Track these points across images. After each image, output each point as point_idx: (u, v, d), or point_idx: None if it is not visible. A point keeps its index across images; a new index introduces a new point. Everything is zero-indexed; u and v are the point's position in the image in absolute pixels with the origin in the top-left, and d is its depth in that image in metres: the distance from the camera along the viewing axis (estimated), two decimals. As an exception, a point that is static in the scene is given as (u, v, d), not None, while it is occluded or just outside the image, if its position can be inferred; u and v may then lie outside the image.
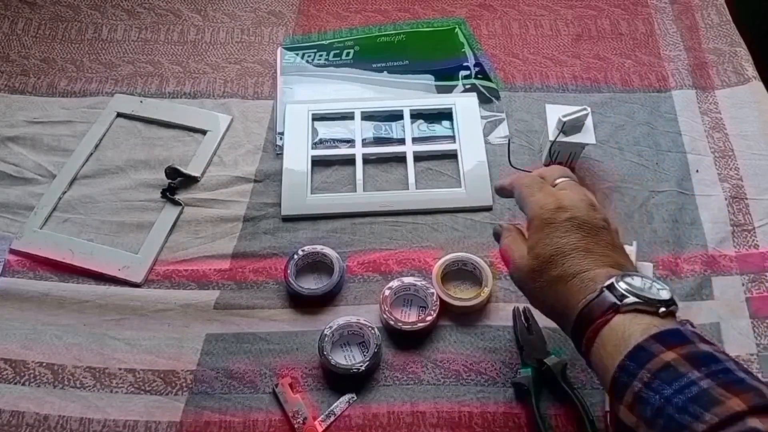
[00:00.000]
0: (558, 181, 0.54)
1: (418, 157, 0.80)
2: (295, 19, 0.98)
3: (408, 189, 0.76)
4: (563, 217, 0.49)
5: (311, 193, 0.77)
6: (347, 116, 0.83)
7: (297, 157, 0.79)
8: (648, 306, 0.44)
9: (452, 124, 0.82)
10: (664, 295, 0.45)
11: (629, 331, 0.43)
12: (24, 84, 0.90)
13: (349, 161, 0.80)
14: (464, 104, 0.83)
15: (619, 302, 0.44)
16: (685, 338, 0.42)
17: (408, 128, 0.81)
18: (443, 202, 0.75)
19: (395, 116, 0.83)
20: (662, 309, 0.44)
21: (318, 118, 0.83)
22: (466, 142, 0.79)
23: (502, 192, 0.58)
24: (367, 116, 0.83)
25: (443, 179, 0.78)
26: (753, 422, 0.36)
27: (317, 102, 0.84)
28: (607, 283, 0.45)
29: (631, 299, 0.44)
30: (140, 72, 0.91)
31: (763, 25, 1.23)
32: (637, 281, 0.45)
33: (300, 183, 0.77)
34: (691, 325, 0.45)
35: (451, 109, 0.83)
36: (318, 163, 0.80)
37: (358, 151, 0.80)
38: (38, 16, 0.99)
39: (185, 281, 0.70)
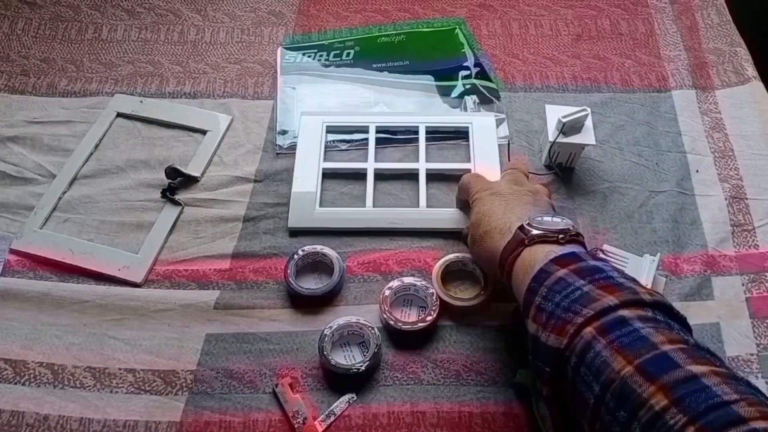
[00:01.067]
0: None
1: (432, 176, 0.77)
2: (295, 19, 0.98)
3: (419, 207, 0.74)
4: (488, 193, 0.62)
5: (320, 206, 0.75)
6: (362, 129, 0.81)
7: (308, 168, 0.77)
8: (550, 235, 0.52)
9: (468, 143, 0.80)
10: (562, 225, 0.53)
11: (535, 258, 0.51)
12: (24, 84, 0.90)
13: (361, 175, 0.78)
14: (481, 124, 0.80)
15: (526, 237, 0.53)
16: (577, 257, 0.50)
17: (423, 146, 0.79)
18: (453, 222, 0.73)
19: (410, 131, 0.81)
20: (561, 236, 0.52)
21: (332, 130, 0.82)
22: (481, 162, 0.77)
23: (460, 201, 0.71)
24: (382, 130, 0.81)
25: (454, 199, 0.75)
26: (623, 312, 0.45)
27: (332, 114, 0.83)
28: (518, 224, 0.55)
29: (534, 232, 0.53)
30: (140, 72, 0.91)
31: (763, 25, 1.23)
32: (545, 220, 0.54)
33: (309, 195, 0.75)
34: (599, 251, 0.66)
35: (467, 128, 0.80)
36: (329, 176, 0.78)
37: (370, 166, 0.78)
38: (38, 16, 0.99)
39: (185, 281, 0.70)
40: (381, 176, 0.78)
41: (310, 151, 0.79)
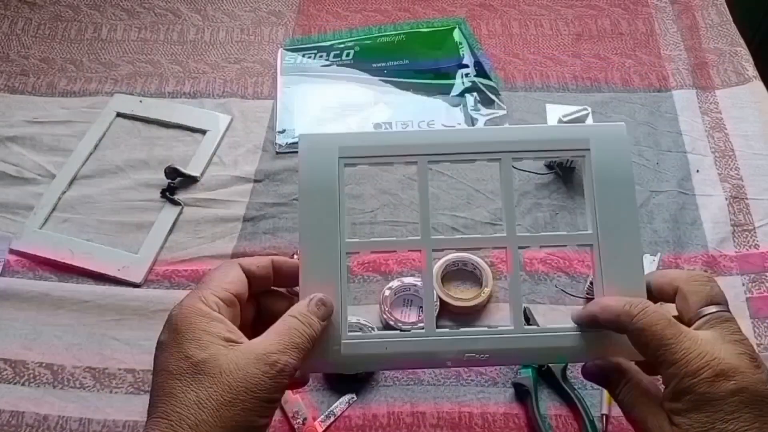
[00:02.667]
0: (704, 312, 0.39)
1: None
2: (295, 18, 0.98)
3: (510, 326, 0.43)
4: (726, 389, 0.35)
5: (348, 332, 0.43)
6: (401, 156, 0.45)
7: (317, 247, 0.43)
8: None
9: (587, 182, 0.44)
10: None
11: None
12: (24, 84, 0.90)
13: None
14: (607, 139, 0.44)
15: None
16: None
17: (509, 189, 0.44)
18: (577, 350, 0.43)
19: (482, 152, 0.46)
20: None
21: (354, 161, 0.44)
22: (612, 224, 0.43)
23: (591, 322, 0.41)
24: (436, 158, 0.45)
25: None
26: None
27: (349, 135, 0.45)
28: None
29: None
30: (140, 72, 0.91)
31: (763, 25, 1.23)
32: None
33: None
34: None
35: (584, 153, 0.44)
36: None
37: (427, 244, 0.44)
38: (38, 16, 0.99)
39: (185, 281, 0.70)
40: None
41: (318, 210, 0.43)
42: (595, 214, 0.42)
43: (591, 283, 0.65)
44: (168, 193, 0.77)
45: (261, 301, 0.44)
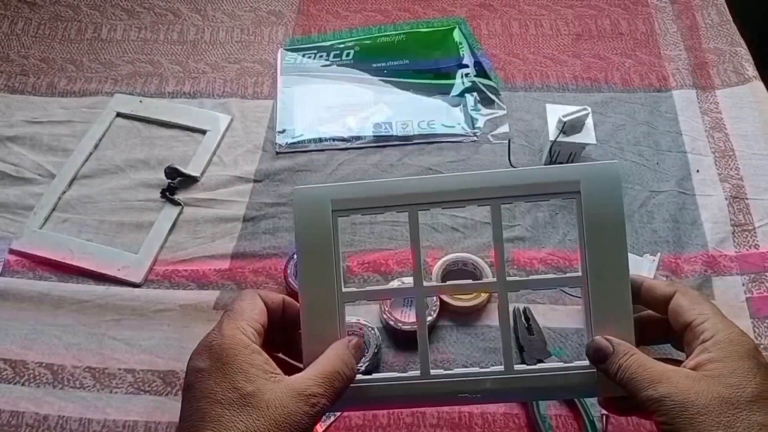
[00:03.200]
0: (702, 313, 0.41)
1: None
2: (295, 18, 0.98)
3: (503, 369, 0.44)
4: (754, 347, 0.39)
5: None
6: (394, 205, 0.46)
7: (315, 298, 0.45)
8: None
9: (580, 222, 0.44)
10: None
11: None
12: (23, 84, 0.90)
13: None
14: (599, 180, 0.43)
15: None
16: None
17: (498, 234, 0.45)
18: (556, 386, 0.44)
19: (467, 198, 0.46)
20: None
21: (342, 210, 0.45)
22: (601, 267, 0.43)
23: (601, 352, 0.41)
24: (427, 201, 0.46)
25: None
26: None
27: (341, 187, 0.46)
28: None
29: None
30: (140, 72, 0.91)
31: (763, 25, 1.23)
32: None
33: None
34: None
35: (574, 197, 0.44)
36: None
37: (419, 291, 0.46)
38: (38, 16, 0.99)
39: (185, 281, 0.70)
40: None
41: (317, 265, 0.45)
42: (585, 256, 0.43)
43: None
44: (168, 193, 0.77)
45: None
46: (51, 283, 0.70)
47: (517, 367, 0.44)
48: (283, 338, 0.45)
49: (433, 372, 0.44)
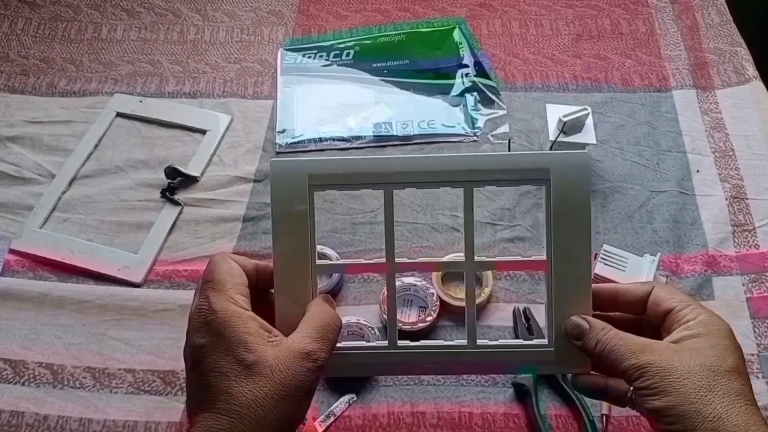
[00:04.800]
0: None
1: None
2: (295, 18, 0.98)
3: (466, 343, 0.46)
4: (731, 331, 0.41)
5: None
6: (367, 182, 0.46)
7: (292, 275, 0.45)
8: None
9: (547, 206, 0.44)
10: None
11: None
12: (23, 84, 0.90)
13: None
14: (568, 169, 0.44)
15: None
16: None
17: (469, 217, 0.46)
18: (516, 365, 0.47)
19: (444, 181, 0.46)
20: None
21: (319, 185, 0.45)
22: (566, 252, 0.44)
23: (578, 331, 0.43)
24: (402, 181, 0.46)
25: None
26: None
27: (319, 161, 0.46)
28: None
29: None
30: (140, 72, 0.91)
31: (763, 25, 1.23)
32: None
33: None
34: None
35: (546, 179, 0.44)
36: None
37: (390, 267, 0.48)
38: (38, 15, 0.99)
39: (185, 281, 0.70)
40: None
41: (292, 235, 0.45)
42: (550, 241, 0.44)
43: None
44: (168, 193, 0.77)
45: None
46: (51, 283, 0.70)
47: (480, 341, 0.46)
48: (255, 303, 0.44)
49: (400, 343, 0.46)
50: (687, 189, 0.76)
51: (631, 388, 0.40)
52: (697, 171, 0.77)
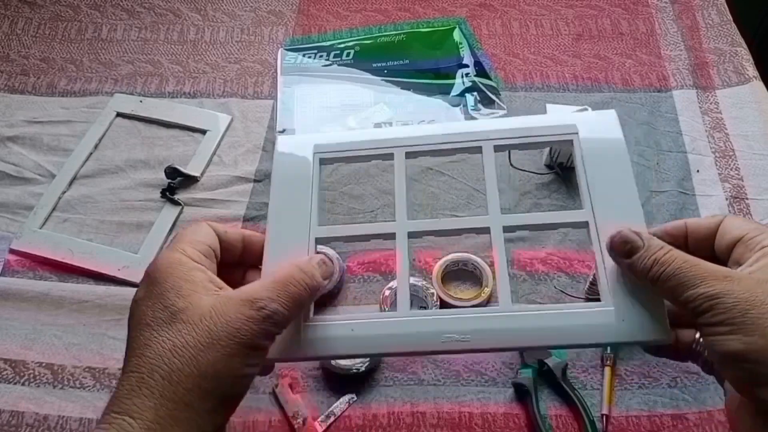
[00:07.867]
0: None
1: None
2: (295, 18, 0.98)
3: (498, 303, 0.40)
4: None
5: (312, 314, 0.40)
6: (380, 155, 0.46)
7: (287, 236, 0.42)
8: None
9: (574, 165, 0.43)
10: None
11: None
12: (24, 84, 0.90)
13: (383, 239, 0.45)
14: (596, 122, 0.43)
15: None
16: None
17: (492, 179, 0.43)
18: (567, 333, 0.37)
19: (464, 150, 0.45)
20: None
21: (330, 160, 0.46)
22: (608, 203, 0.41)
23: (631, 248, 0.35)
24: (414, 153, 0.45)
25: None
26: None
27: (328, 131, 0.49)
28: None
29: None
30: (140, 71, 0.91)
31: (763, 25, 1.23)
32: None
33: None
34: None
35: (572, 138, 0.43)
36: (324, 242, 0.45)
37: (400, 227, 0.42)
38: (38, 15, 0.99)
39: (185, 281, 0.70)
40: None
41: (290, 202, 0.43)
42: (588, 192, 0.40)
43: (590, 283, 0.65)
44: (168, 193, 0.77)
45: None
46: (51, 283, 0.70)
47: (516, 305, 0.38)
48: (241, 281, 0.40)
49: (412, 311, 0.39)
50: (687, 189, 0.76)
51: (696, 335, 0.32)
52: (698, 171, 0.77)
